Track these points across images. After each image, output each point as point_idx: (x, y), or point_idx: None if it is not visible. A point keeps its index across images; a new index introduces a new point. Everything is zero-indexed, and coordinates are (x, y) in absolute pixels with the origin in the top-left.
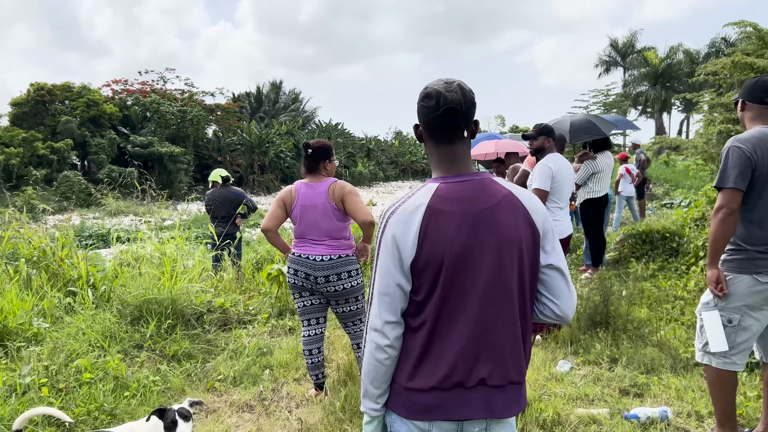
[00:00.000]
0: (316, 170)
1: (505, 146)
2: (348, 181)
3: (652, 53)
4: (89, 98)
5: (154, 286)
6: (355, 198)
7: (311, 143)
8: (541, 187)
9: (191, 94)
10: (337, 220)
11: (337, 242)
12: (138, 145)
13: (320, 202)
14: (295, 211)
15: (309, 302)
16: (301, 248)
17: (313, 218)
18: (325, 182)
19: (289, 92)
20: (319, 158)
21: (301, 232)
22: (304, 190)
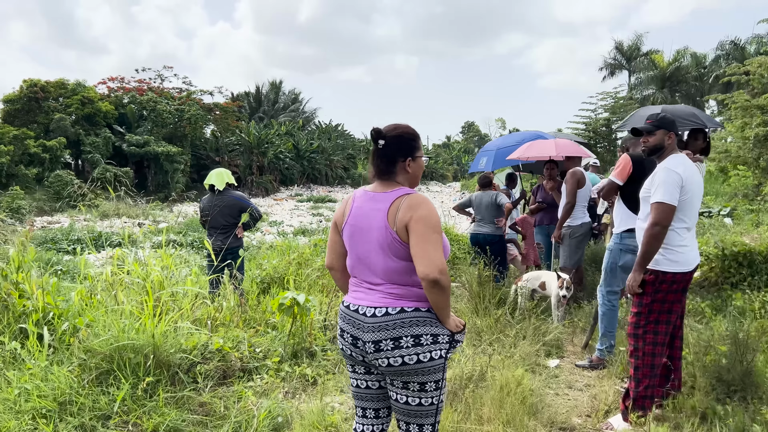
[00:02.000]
0: (389, 173)
1: (565, 148)
2: (348, 184)
3: (659, 56)
4: (84, 96)
5: (130, 327)
6: (426, 230)
7: (385, 130)
8: (667, 200)
9: (189, 93)
10: (397, 256)
11: (401, 289)
12: (134, 144)
13: (377, 224)
14: (344, 231)
15: (363, 383)
16: (352, 294)
17: (365, 247)
18: (393, 193)
19: (289, 92)
20: (396, 154)
21: (351, 267)
22: (361, 201)
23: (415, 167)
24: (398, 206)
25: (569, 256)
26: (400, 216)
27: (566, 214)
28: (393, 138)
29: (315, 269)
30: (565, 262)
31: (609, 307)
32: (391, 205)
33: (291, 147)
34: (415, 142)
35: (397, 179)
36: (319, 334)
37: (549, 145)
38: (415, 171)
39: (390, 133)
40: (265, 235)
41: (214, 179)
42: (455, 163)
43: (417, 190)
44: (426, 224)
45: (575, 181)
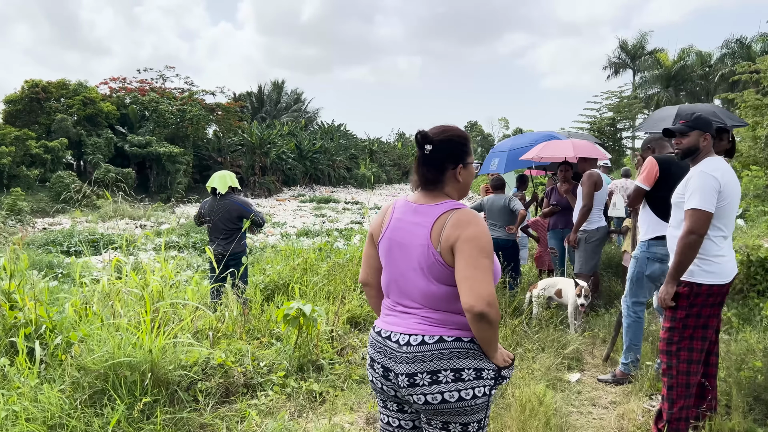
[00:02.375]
0: (437, 183)
1: (583, 148)
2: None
3: (664, 55)
4: (85, 96)
5: (127, 342)
6: (475, 254)
7: (432, 133)
8: (703, 207)
9: (191, 93)
10: (439, 280)
11: (441, 314)
12: (135, 144)
13: (418, 241)
14: (381, 245)
15: (395, 421)
16: (384, 318)
17: (403, 266)
18: (439, 207)
19: (291, 92)
20: (445, 161)
21: (385, 286)
22: (401, 212)
23: (466, 175)
24: (444, 223)
25: (585, 261)
26: (445, 234)
27: (583, 217)
28: (441, 142)
29: (321, 275)
30: (581, 267)
31: (634, 318)
32: (436, 220)
33: (293, 147)
34: (466, 146)
35: (445, 190)
36: (327, 345)
37: (565, 146)
38: (466, 180)
39: (438, 137)
40: (267, 237)
41: (217, 182)
42: None
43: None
44: (475, 247)
45: (592, 183)
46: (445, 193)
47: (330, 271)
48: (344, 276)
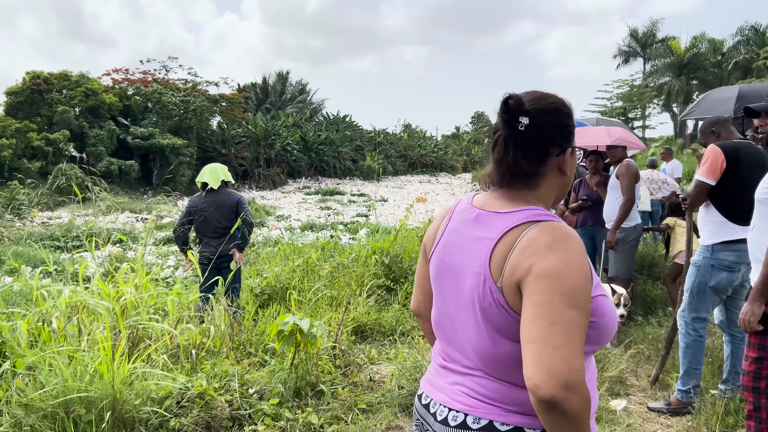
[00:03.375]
0: (529, 177)
1: (619, 136)
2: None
3: (676, 43)
4: (88, 87)
5: (83, 372)
6: (555, 299)
7: (527, 100)
8: None
9: (194, 84)
10: (499, 330)
11: (499, 388)
12: (138, 136)
13: (472, 266)
14: (431, 263)
15: None
16: (430, 374)
17: (452, 301)
18: (513, 215)
19: (296, 83)
20: (548, 142)
21: (435, 322)
22: (460, 219)
23: (571, 166)
24: (513, 242)
25: (622, 263)
26: (512, 262)
27: (625, 213)
28: (544, 113)
29: (323, 278)
30: (618, 270)
31: (695, 337)
32: (502, 237)
33: (298, 139)
34: (571, 120)
35: (539, 189)
36: (328, 364)
37: (599, 133)
38: (570, 172)
39: (537, 106)
40: (271, 231)
41: (207, 176)
42: (465, 154)
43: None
44: (555, 289)
45: (632, 175)
46: (536, 194)
47: (333, 273)
48: (349, 278)
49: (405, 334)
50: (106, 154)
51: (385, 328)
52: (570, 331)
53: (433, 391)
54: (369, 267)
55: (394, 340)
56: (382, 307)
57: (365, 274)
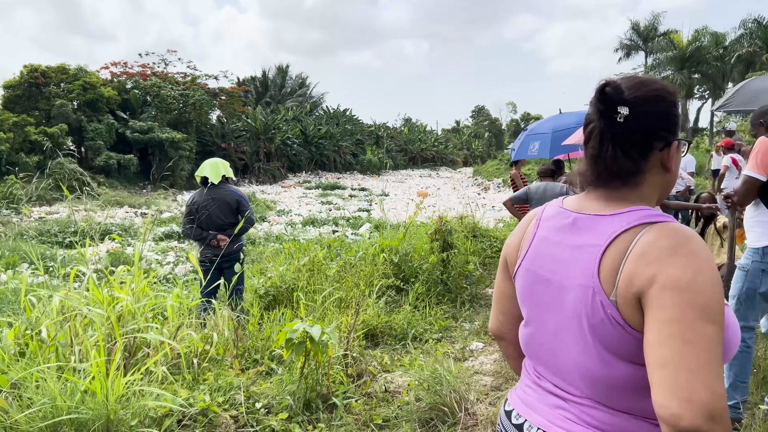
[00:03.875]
0: (632, 176)
1: None
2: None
3: (678, 36)
4: (86, 81)
5: (74, 389)
6: (687, 313)
7: (626, 87)
8: None
9: (194, 78)
10: (615, 351)
11: (614, 420)
12: (137, 130)
13: (576, 278)
14: (517, 278)
15: None
16: (523, 391)
17: (550, 319)
18: (620, 217)
19: (296, 77)
20: (651, 136)
21: (525, 343)
22: (550, 226)
23: (677, 161)
24: (627, 248)
25: None
26: (627, 271)
27: None
28: (646, 103)
29: (330, 278)
30: None
31: (742, 348)
32: (612, 243)
33: (298, 133)
34: (677, 109)
35: (641, 188)
36: (340, 374)
37: None
38: (675, 168)
39: (639, 94)
40: (272, 226)
41: (208, 170)
42: (465, 148)
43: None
44: (688, 300)
45: None
46: (638, 193)
47: (340, 272)
48: (357, 278)
49: (417, 338)
50: (104, 148)
51: (396, 331)
52: (708, 351)
53: (528, 412)
54: (377, 266)
55: (407, 345)
56: (392, 309)
57: (374, 273)
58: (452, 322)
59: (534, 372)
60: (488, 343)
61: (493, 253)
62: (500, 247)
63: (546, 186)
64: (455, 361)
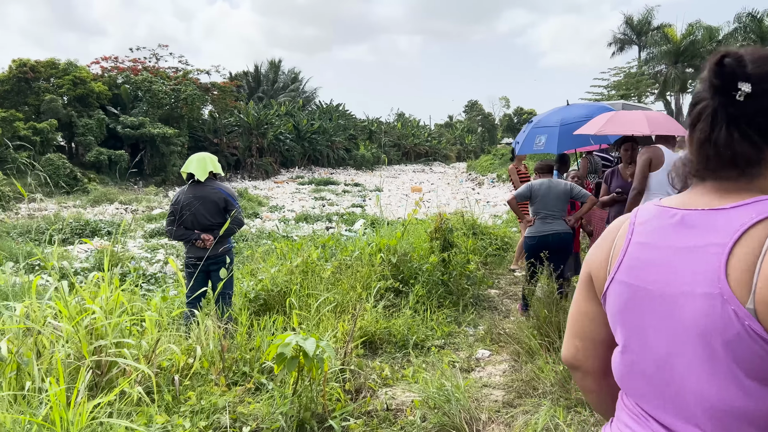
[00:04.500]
0: (752, 165)
1: (659, 124)
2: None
3: (672, 30)
4: (76, 76)
5: (31, 421)
6: None
7: (749, 60)
8: None
9: (185, 73)
10: (755, 376)
11: None
12: (128, 126)
13: (694, 285)
14: (609, 296)
15: None
16: (635, 425)
17: (659, 340)
18: (744, 209)
19: (289, 72)
20: None
21: (621, 375)
22: (651, 230)
23: None
24: (761, 243)
25: None
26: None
27: (633, 203)
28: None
29: (325, 281)
30: None
31: None
32: (740, 239)
33: (291, 128)
34: None
35: (760, 180)
36: (337, 390)
37: (637, 119)
38: None
39: (764, 68)
40: (264, 222)
41: (194, 166)
42: (458, 143)
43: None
44: None
45: (646, 159)
46: (758, 186)
47: (336, 273)
48: (353, 280)
49: (419, 345)
50: (95, 144)
51: (396, 338)
52: None
53: None
54: (374, 267)
55: (408, 353)
56: (391, 314)
57: (371, 275)
58: (455, 326)
59: (638, 411)
60: (495, 351)
61: (493, 251)
62: (501, 244)
63: (549, 183)
64: (462, 373)
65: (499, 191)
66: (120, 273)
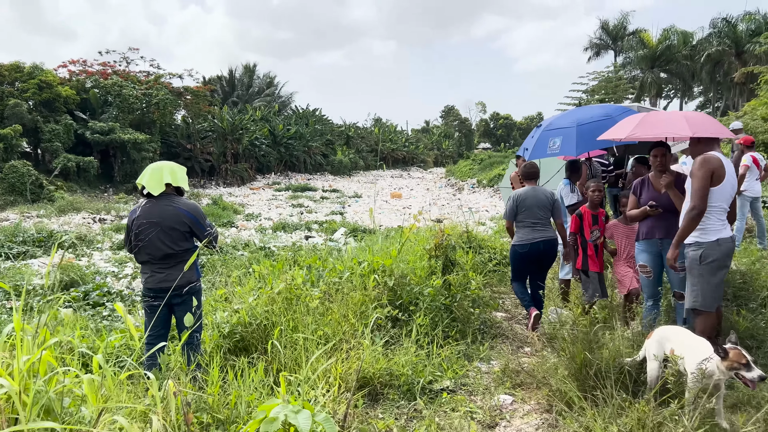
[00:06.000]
0: None
1: (702, 125)
2: (327, 171)
3: (647, 35)
4: (42, 80)
5: None
6: None
7: None
8: None
9: (157, 77)
10: None
11: None
12: (98, 131)
13: None
14: None
15: None
16: None
17: None
18: None
19: (264, 76)
20: None
21: None
22: None
23: None
24: None
25: (704, 291)
26: None
27: (690, 225)
28: None
29: (315, 312)
30: (699, 300)
31: None
32: None
33: (267, 133)
34: None
35: None
36: None
37: (674, 119)
38: None
39: None
40: (240, 231)
41: (148, 179)
42: (436, 148)
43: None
44: None
45: (708, 172)
46: None
47: (324, 301)
48: (345, 308)
49: (426, 389)
50: (62, 150)
51: (399, 380)
52: None
53: None
54: (368, 291)
55: (413, 397)
56: (391, 349)
57: (365, 301)
58: (465, 362)
59: None
60: (521, 399)
61: (494, 267)
62: (500, 259)
63: (534, 191)
64: (485, 430)
65: (479, 197)
66: (82, 291)
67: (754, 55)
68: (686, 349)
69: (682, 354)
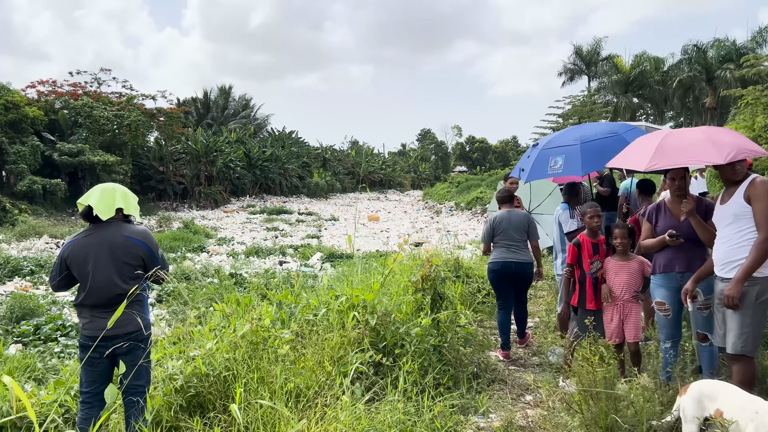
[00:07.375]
0: None
1: (729, 145)
2: (304, 194)
3: (620, 60)
4: (8, 100)
5: None
6: None
7: None
8: None
9: (130, 98)
10: None
11: None
12: (66, 153)
13: None
14: None
15: None
16: None
17: None
18: None
19: (239, 98)
20: None
21: None
22: None
23: None
24: None
25: (755, 333)
26: None
27: (762, 256)
28: None
29: (286, 360)
30: (748, 344)
31: None
32: None
33: (242, 155)
34: None
35: None
36: None
37: (697, 141)
38: None
39: None
40: (211, 256)
41: (95, 199)
42: (412, 171)
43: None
44: None
45: None
46: None
47: (296, 345)
48: (320, 353)
49: None
50: (28, 172)
51: None
52: None
53: None
54: (347, 331)
55: None
56: (373, 402)
57: (344, 344)
58: (460, 416)
59: None
60: None
61: (483, 298)
62: (490, 289)
63: (510, 214)
64: None
65: (458, 219)
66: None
67: (724, 80)
68: (742, 412)
69: (736, 418)
